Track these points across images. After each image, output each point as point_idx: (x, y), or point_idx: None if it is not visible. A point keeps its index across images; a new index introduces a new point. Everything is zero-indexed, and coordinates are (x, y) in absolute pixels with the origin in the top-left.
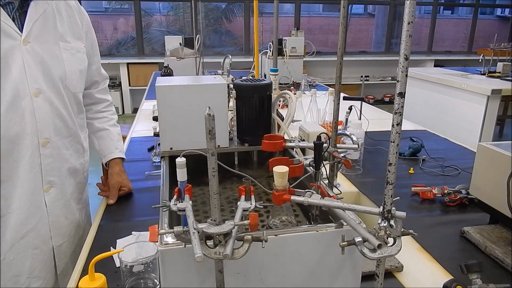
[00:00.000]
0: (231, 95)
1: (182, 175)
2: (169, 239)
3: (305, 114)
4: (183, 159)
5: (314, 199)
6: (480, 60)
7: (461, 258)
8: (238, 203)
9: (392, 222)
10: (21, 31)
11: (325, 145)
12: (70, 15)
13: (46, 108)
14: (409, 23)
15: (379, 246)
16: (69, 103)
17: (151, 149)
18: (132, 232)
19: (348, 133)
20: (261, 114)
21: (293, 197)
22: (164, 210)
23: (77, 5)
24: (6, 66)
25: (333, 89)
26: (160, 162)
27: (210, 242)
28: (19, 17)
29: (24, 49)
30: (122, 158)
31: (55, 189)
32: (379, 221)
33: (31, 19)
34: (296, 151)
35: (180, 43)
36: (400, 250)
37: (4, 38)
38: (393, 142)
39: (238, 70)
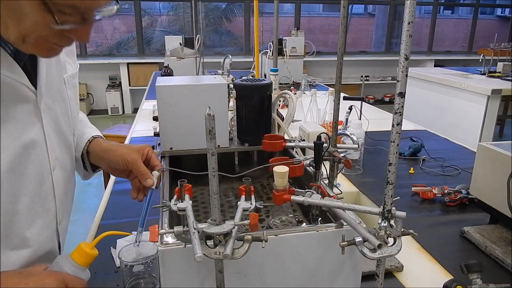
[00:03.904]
0: (231, 95)
1: None
2: (169, 239)
3: (305, 114)
4: None
5: (314, 199)
6: (480, 60)
7: (461, 258)
8: (238, 203)
9: (392, 222)
10: (34, 83)
11: (325, 145)
12: None
13: (61, 179)
14: (409, 23)
15: (379, 246)
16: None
17: None
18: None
19: (348, 133)
20: (261, 114)
21: (293, 197)
22: (164, 210)
23: None
24: (25, 158)
25: (333, 89)
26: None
27: (210, 242)
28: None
29: (42, 113)
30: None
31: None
32: (379, 221)
33: (44, 60)
34: (296, 151)
35: (180, 43)
36: (400, 250)
37: (21, 113)
38: (393, 142)
39: (238, 70)
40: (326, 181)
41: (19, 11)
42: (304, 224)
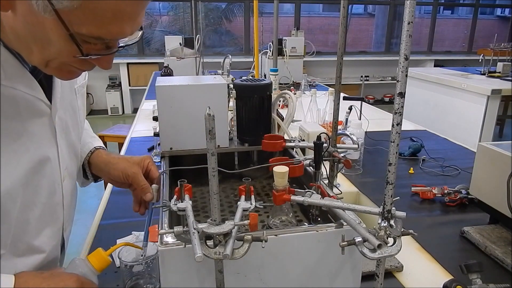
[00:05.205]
0: (231, 95)
1: None
2: (169, 239)
3: (305, 114)
4: None
5: (314, 199)
6: (480, 60)
7: (461, 258)
8: (238, 203)
9: (392, 222)
10: (48, 96)
11: (325, 145)
12: None
13: (69, 188)
14: (409, 23)
15: (379, 246)
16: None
17: (151, 149)
18: (132, 232)
19: (348, 133)
20: (261, 114)
21: (293, 197)
22: (164, 210)
23: None
24: (39, 172)
25: (333, 89)
26: (160, 162)
27: (210, 242)
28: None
29: (55, 126)
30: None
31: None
32: (379, 221)
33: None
34: (296, 151)
35: (180, 43)
36: (400, 250)
37: (37, 128)
38: (393, 142)
39: (238, 70)
40: (326, 181)
41: (45, 38)
42: (304, 224)
